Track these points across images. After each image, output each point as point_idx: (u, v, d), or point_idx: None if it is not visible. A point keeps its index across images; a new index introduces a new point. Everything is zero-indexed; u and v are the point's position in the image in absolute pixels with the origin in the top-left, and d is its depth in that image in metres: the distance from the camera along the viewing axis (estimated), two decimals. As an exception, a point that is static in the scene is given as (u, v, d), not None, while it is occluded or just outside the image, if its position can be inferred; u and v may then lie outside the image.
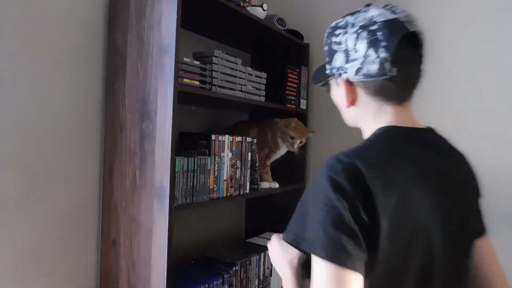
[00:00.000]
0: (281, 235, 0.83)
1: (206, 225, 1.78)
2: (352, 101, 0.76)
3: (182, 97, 1.19)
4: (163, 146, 1.16)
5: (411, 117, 0.76)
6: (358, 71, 0.71)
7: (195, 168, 1.29)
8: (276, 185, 1.68)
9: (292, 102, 1.83)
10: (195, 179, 1.29)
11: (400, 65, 0.69)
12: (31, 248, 1.17)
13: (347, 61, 0.73)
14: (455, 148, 0.78)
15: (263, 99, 1.60)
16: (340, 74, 0.75)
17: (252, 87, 1.55)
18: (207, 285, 1.35)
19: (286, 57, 1.91)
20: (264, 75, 1.61)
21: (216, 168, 1.38)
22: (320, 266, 0.60)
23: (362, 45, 0.70)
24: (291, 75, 1.82)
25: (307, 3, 1.98)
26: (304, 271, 0.75)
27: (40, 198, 1.19)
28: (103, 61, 1.34)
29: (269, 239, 0.87)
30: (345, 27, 0.74)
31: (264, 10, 1.60)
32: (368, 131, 0.77)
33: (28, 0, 1.14)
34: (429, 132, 0.76)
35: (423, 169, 0.70)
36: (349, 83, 0.75)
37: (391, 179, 0.65)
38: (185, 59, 1.24)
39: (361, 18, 0.72)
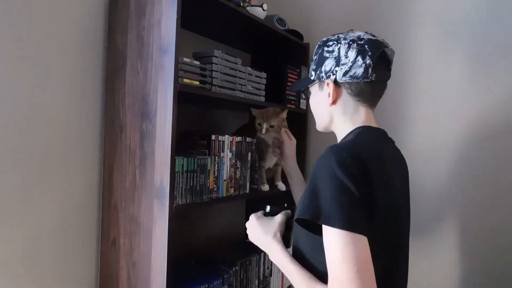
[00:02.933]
0: (258, 213, 1.02)
1: (206, 225, 1.78)
2: (335, 100, 0.92)
3: (182, 97, 1.19)
4: (163, 146, 1.16)
5: (374, 120, 0.95)
6: (346, 73, 0.88)
7: (195, 168, 1.29)
8: (266, 187, 1.61)
9: (292, 102, 1.83)
10: (195, 179, 1.29)
11: (377, 72, 0.88)
12: (31, 248, 1.17)
13: (337, 65, 0.89)
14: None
15: (263, 99, 1.60)
16: (328, 76, 0.91)
17: (252, 87, 1.55)
18: (207, 285, 1.35)
19: (286, 57, 1.91)
20: (264, 75, 1.61)
21: (216, 168, 1.38)
22: (337, 236, 0.72)
23: (352, 53, 0.88)
24: (291, 75, 1.82)
25: (307, 3, 1.98)
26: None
27: (40, 198, 1.19)
28: (103, 61, 1.34)
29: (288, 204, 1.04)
30: (337, 40, 0.91)
31: (264, 10, 1.60)
32: (343, 130, 0.94)
33: (27, 0, 1.14)
34: (385, 132, 0.96)
35: (394, 159, 0.94)
36: (335, 84, 0.91)
37: (381, 165, 0.83)
38: (185, 59, 1.24)
39: (351, 35, 0.90)
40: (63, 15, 1.23)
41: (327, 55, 0.91)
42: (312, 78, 0.97)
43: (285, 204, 1.05)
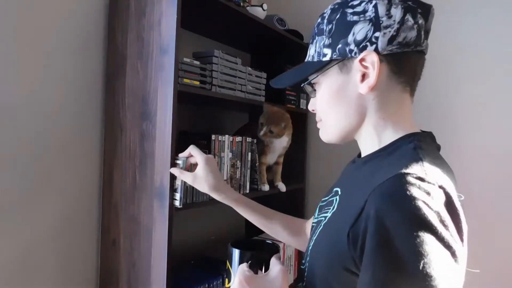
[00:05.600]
0: (246, 272, 0.68)
1: (206, 225, 1.78)
2: (374, 85, 0.63)
3: (182, 97, 1.19)
4: (163, 146, 1.16)
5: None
6: (393, 38, 0.61)
7: (195, 168, 1.28)
8: (266, 187, 1.61)
9: (292, 102, 1.83)
10: (195, 179, 1.28)
11: (427, 40, 0.64)
12: (31, 248, 1.17)
13: (376, 29, 0.62)
14: None
15: (263, 99, 1.60)
16: (364, 47, 0.63)
17: (252, 87, 1.55)
18: (207, 285, 1.35)
19: (286, 57, 1.91)
20: (264, 75, 1.61)
21: (216, 168, 1.37)
22: None
23: (397, 11, 0.61)
24: (291, 75, 1.81)
25: (307, 3, 1.98)
26: None
27: (40, 198, 1.19)
28: (103, 61, 1.34)
29: (270, 238, 0.84)
30: None
31: (264, 10, 1.60)
32: (378, 135, 0.67)
33: (27, 0, 1.14)
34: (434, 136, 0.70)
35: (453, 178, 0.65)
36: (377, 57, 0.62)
37: (455, 191, 0.58)
38: (185, 59, 1.24)
39: None
40: (63, 15, 1.23)
41: (355, 18, 0.63)
42: (326, 58, 0.67)
43: (270, 242, 0.82)
